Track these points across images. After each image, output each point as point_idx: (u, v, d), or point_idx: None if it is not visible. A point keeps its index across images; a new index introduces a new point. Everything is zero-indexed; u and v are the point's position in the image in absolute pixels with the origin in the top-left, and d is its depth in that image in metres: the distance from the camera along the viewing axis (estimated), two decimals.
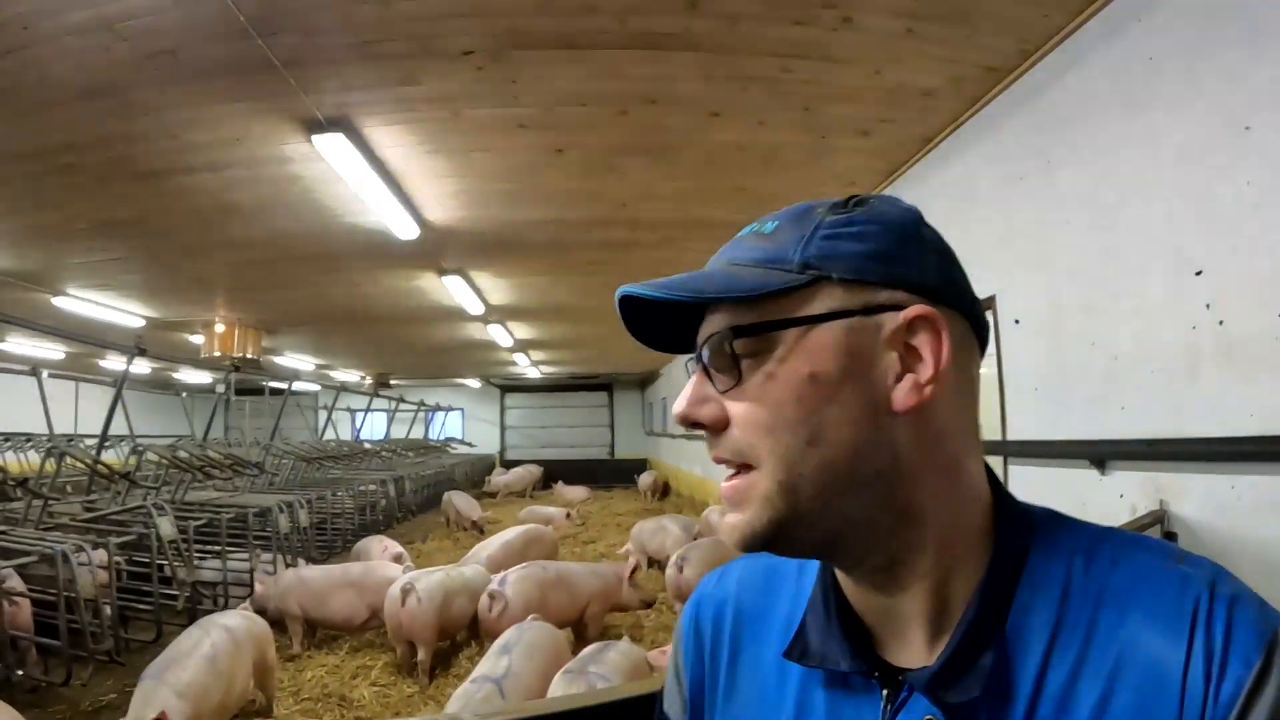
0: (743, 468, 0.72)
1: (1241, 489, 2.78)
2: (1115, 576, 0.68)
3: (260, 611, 6.54)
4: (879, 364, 0.70)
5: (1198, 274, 2.93)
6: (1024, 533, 0.73)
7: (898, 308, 0.70)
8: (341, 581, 6.86)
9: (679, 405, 0.74)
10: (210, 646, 4.47)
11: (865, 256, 0.71)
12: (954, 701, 0.67)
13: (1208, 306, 2.90)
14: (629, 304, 0.76)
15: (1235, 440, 2.78)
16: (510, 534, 9.41)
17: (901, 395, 0.69)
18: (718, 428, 0.72)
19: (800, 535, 0.71)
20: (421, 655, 6.03)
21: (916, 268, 0.72)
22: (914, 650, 0.74)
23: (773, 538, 0.71)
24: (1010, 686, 0.67)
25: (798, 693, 0.79)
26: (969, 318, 0.76)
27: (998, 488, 0.77)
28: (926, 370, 0.69)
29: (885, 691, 0.72)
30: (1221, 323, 2.84)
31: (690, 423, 0.73)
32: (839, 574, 0.78)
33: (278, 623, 6.83)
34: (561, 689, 4.01)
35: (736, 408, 0.71)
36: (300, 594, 6.73)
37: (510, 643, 4.54)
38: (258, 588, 6.85)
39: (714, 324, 0.73)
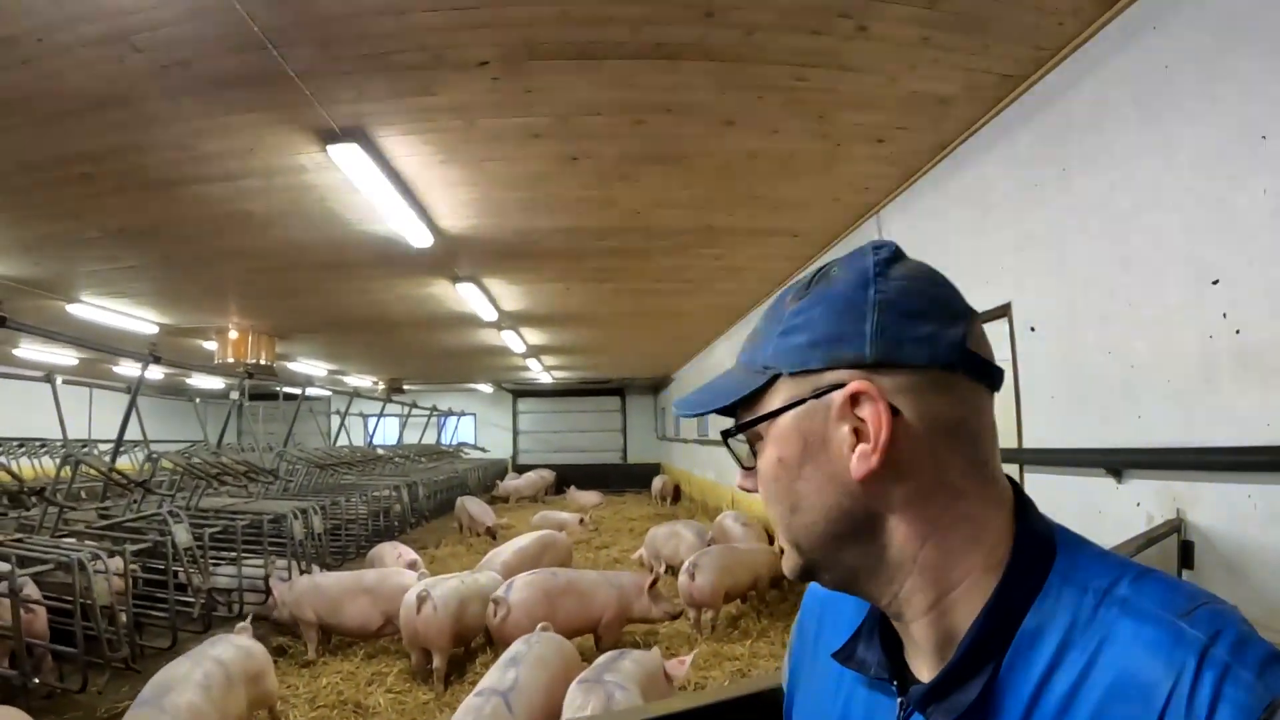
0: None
1: (1258, 498, 2.77)
2: (1117, 625, 0.71)
3: (265, 619, 6.60)
4: (833, 440, 0.78)
5: (1214, 283, 2.92)
6: (1039, 565, 0.77)
7: (840, 385, 0.77)
8: (356, 588, 6.88)
9: (738, 478, 0.91)
10: (203, 675, 4.32)
11: (809, 346, 0.79)
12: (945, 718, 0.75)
13: (1224, 315, 2.88)
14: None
15: (1252, 450, 2.76)
16: (524, 540, 9.40)
17: (855, 465, 0.76)
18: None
19: (821, 576, 0.85)
20: (437, 662, 6.05)
21: (853, 343, 0.77)
22: (926, 668, 0.81)
23: (804, 575, 0.85)
24: (999, 711, 0.73)
25: (849, 689, 0.90)
26: (942, 362, 0.78)
27: (1023, 515, 0.81)
28: (872, 440, 0.76)
29: (900, 700, 0.82)
30: (1238, 331, 2.83)
31: (746, 489, 0.89)
32: None
33: (292, 628, 6.88)
34: (579, 698, 4.02)
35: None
36: (315, 600, 6.75)
37: (518, 656, 4.51)
38: (274, 593, 6.86)
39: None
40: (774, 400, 0.81)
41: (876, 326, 0.77)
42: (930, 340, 0.77)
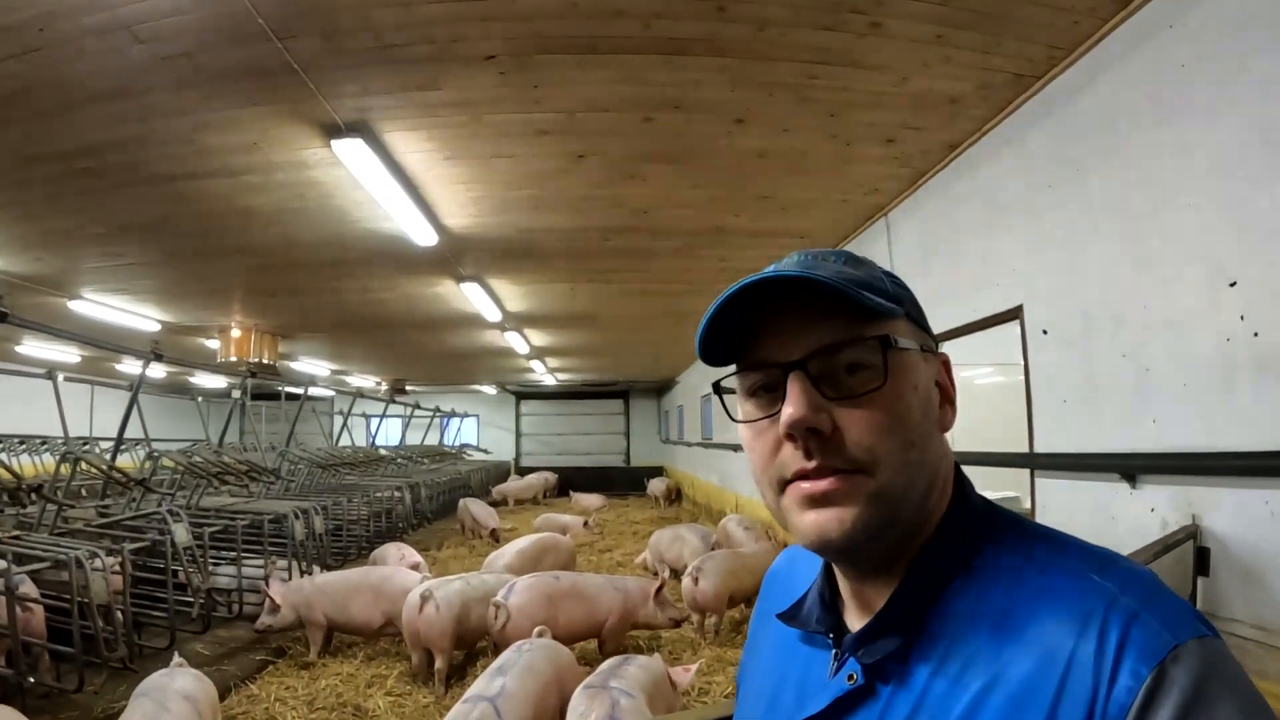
0: (847, 472, 0.81)
1: (1276, 504, 2.73)
2: (1036, 582, 0.78)
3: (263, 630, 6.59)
4: (934, 393, 0.88)
5: (1232, 285, 2.88)
6: (969, 531, 0.86)
7: (935, 350, 0.91)
8: (360, 585, 6.85)
9: (797, 410, 0.81)
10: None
11: (915, 305, 0.91)
12: (867, 661, 0.82)
13: (1242, 318, 2.84)
14: (733, 301, 0.85)
15: (1270, 454, 2.72)
16: (524, 542, 9.35)
17: (946, 420, 0.90)
18: (826, 434, 0.81)
19: (884, 534, 0.83)
20: (439, 664, 6.00)
21: (927, 322, 0.93)
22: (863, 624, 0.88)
23: (870, 536, 0.82)
24: (922, 657, 0.80)
25: (790, 649, 0.98)
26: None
27: (960, 489, 0.90)
28: (952, 401, 0.91)
29: (835, 650, 0.90)
30: (1256, 334, 2.79)
31: (806, 428, 0.81)
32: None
33: (290, 631, 6.84)
34: (583, 704, 3.94)
35: (852, 415, 0.81)
36: (323, 600, 6.71)
37: (507, 664, 4.42)
38: (274, 591, 6.78)
39: (829, 334, 0.83)
40: (903, 335, 0.85)
41: (925, 317, 0.93)
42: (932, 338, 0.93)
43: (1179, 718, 0.63)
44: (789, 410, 0.81)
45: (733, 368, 0.91)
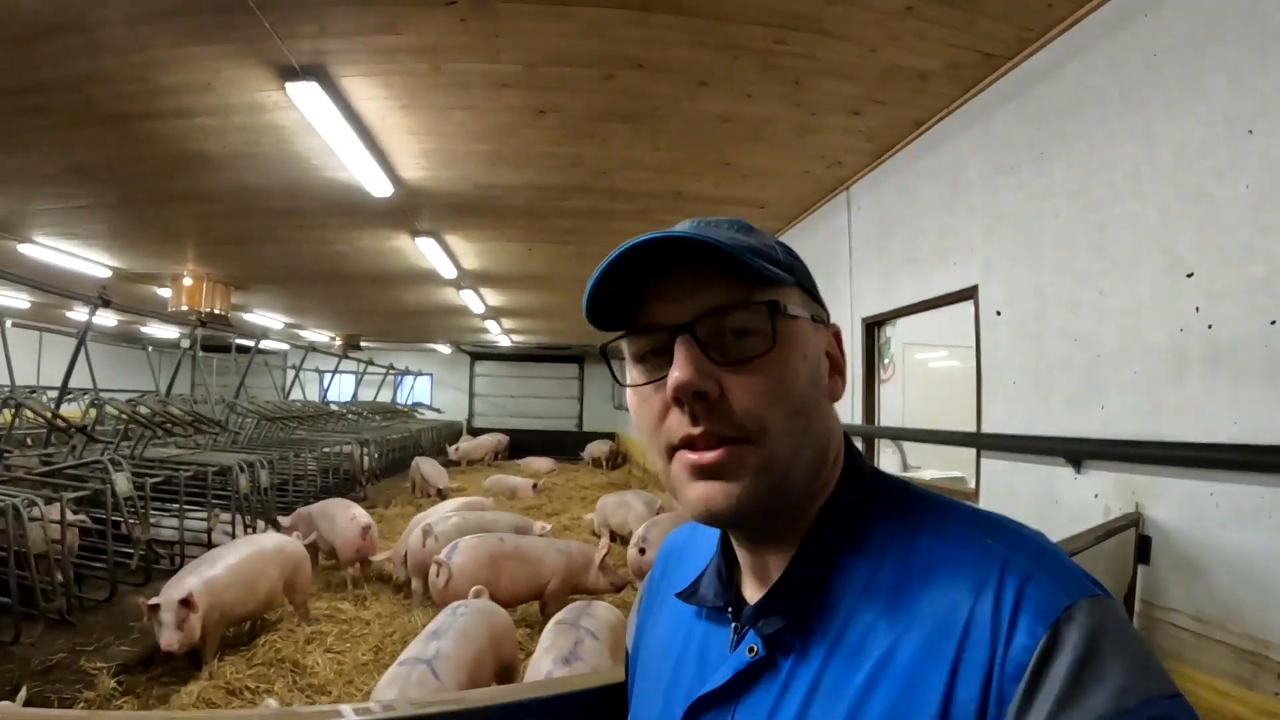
0: (735, 441, 0.79)
1: (1220, 497, 2.75)
2: (929, 549, 0.78)
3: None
4: (822, 363, 0.87)
5: (1189, 276, 2.89)
6: (861, 501, 0.85)
7: (826, 321, 0.90)
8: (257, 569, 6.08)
9: (684, 374, 0.78)
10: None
11: (807, 275, 0.90)
12: (766, 632, 0.82)
13: (1197, 309, 2.86)
14: (622, 262, 0.81)
15: (1217, 447, 2.75)
16: (449, 506, 9.52)
17: (836, 390, 0.89)
18: (713, 399, 0.79)
19: (772, 504, 0.81)
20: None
21: (818, 292, 0.93)
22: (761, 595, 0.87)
23: (758, 508, 0.81)
24: (820, 628, 0.79)
25: (689, 625, 0.97)
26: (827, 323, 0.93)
27: (851, 460, 0.90)
28: (842, 372, 0.91)
29: (734, 624, 0.89)
30: (1210, 327, 2.80)
31: (693, 392, 0.78)
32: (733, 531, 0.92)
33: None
34: (550, 638, 4.31)
35: (739, 381, 0.80)
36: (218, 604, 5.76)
37: (443, 628, 4.41)
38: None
39: (716, 298, 0.81)
40: (793, 303, 0.84)
41: (816, 287, 0.92)
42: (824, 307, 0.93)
43: (1073, 674, 0.64)
44: (676, 374, 0.79)
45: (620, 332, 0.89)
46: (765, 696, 0.81)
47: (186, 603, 5.02)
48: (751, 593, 0.90)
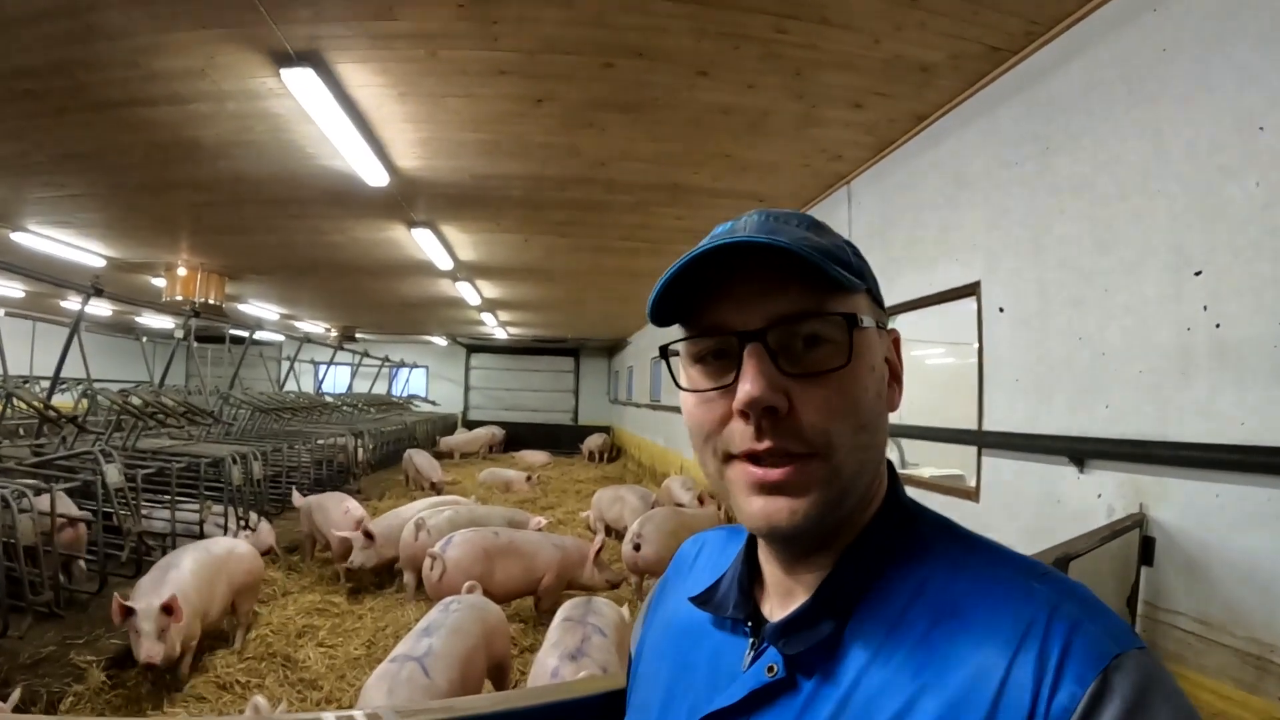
0: (801, 456, 0.76)
1: (1226, 498, 2.71)
2: (967, 590, 0.74)
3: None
4: (884, 372, 0.83)
5: (1197, 274, 2.84)
6: (898, 532, 0.83)
7: (887, 326, 0.87)
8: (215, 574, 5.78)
9: (755, 389, 0.75)
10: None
11: (874, 279, 0.87)
12: (790, 652, 0.78)
13: (1205, 308, 2.81)
14: (695, 262, 0.78)
15: (1224, 448, 2.71)
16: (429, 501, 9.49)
17: (894, 399, 0.86)
18: (782, 413, 0.76)
19: (829, 521, 0.78)
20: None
21: (882, 295, 0.90)
22: (784, 613, 0.83)
23: (817, 523, 0.77)
24: (842, 661, 0.76)
25: (699, 633, 0.93)
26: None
27: (893, 486, 0.87)
28: (900, 380, 0.87)
29: (753, 639, 0.85)
30: (1218, 325, 2.76)
31: (763, 407, 0.75)
32: (761, 544, 0.89)
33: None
34: (558, 634, 4.30)
35: (809, 393, 0.76)
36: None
37: (434, 624, 4.36)
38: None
39: (790, 304, 0.77)
40: (862, 311, 0.81)
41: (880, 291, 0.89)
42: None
43: None
44: (747, 388, 0.75)
45: (678, 330, 0.85)
46: (782, 717, 0.78)
47: (168, 609, 4.58)
48: (772, 609, 0.87)
